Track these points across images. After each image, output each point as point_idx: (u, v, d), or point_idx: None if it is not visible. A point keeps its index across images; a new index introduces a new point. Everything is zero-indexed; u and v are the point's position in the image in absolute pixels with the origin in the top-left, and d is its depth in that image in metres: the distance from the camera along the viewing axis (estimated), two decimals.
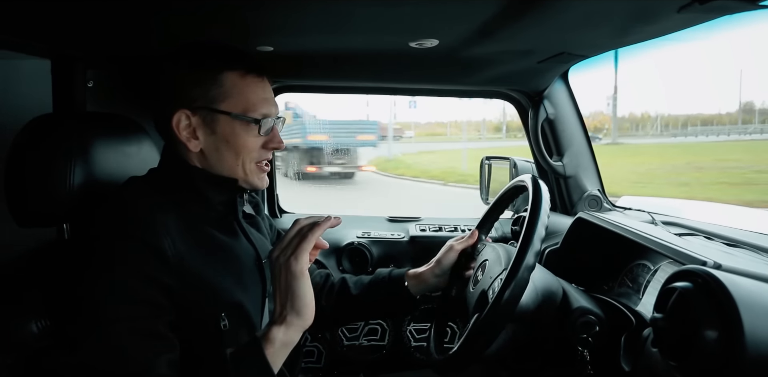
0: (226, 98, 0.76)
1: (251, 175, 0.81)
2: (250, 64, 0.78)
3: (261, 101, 0.78)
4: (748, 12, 0.69)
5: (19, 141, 0.78)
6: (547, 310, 0.86)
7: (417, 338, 1.56)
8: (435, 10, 0.76)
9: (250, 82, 0.78)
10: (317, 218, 0.74)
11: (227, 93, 0.76)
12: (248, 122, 0.77)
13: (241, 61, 0.78)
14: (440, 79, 1.41)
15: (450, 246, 1.05)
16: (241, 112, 0.77)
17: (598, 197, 1.41)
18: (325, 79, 1.50)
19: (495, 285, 0.83)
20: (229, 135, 0.77)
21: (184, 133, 0.77)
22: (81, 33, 0.88)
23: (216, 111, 0.76)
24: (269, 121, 0.79)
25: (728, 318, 0.58)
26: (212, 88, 0.76)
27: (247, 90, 0.77)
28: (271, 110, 0.80)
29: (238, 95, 0.77)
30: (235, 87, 0.77)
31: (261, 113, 0.78)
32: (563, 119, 1.39)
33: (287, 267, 0.69)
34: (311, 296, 0.70)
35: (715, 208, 1.45)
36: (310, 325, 0.70)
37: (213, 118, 0.76)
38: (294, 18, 0.81)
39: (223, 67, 0.76)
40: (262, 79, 0.80)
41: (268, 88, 0.81)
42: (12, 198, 0.78)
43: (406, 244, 1.55)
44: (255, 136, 0.79)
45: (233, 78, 0.76)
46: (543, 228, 0.77)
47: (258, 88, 0.79)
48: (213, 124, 0.77)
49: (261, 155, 0.81)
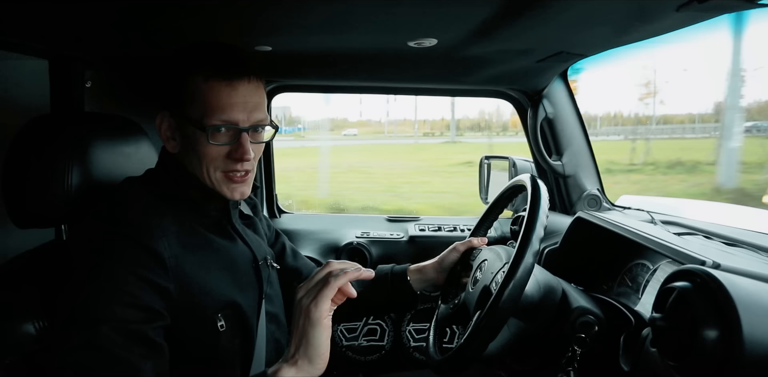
0: (190, 103, 0.74)
1: (218, 184, 0.77)
2: (217, 67, 0.73)
3: (222, 107, 0.72)
4: (747, 10, 0.69)
5: (17, 142, 0.78)
6: (549, 304, 0.86)
7: (416, 338, 1.56)
8: (434, 9, 0.76)
9: (213, 87, 0.72)
10: (349, 266, 0.69)
11: (190, 97, 0.73)
12: (202, 130, 0.73)
13: (206, 64, 0.73)
14: (439, 79, 1.41)
15: (454, 246, 1.05)
16: (197, 118, 0.73)
17: (598, 196, 1.41)
18: (324, 79, 1.50)
19: (498, 277, 0.83)
20: (191, 141, 0.75)
21: (165, 133, 0.77)
22: (79, 34, 0.88)
23: (180, 116, 0.75)
24: (223, 129, 0.73)
25: (727, 318, 0.58)
26: (180, 92, 0.74)
27: (208, 95, 0.72)
28: (235, 117, 0.73)
29: (199, 99, 0.73)
30: (197, 91, 0.73)
31: (221, 119, 0.72)
32: (562, 118, 1.39)
33: (306, 312, 0.64)
34: (326, 346, 0.65)
35: (714, 207, 1.44)
36: (321, 373, 0.66)
37: (180, 122, 0.75)
38: (292, 18, 0.80)
39: (188, 71, 0.73)
40: (230, 83, 0.73)
41: (241, 92, 0.73)
42: (10, 199, 0.77)
43: (405, 244, 1.55)
44: (212, 144, 0.73)
45: (197, 82, 0.73)
46: (542, 228, 0.76)
47: (221, 94, 0.73)
48: (182, 128, 0.75)
49: (227, 165, 0.76)
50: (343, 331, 1.55)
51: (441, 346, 0.92)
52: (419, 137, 20.73)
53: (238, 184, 0.78)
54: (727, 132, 9.93)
